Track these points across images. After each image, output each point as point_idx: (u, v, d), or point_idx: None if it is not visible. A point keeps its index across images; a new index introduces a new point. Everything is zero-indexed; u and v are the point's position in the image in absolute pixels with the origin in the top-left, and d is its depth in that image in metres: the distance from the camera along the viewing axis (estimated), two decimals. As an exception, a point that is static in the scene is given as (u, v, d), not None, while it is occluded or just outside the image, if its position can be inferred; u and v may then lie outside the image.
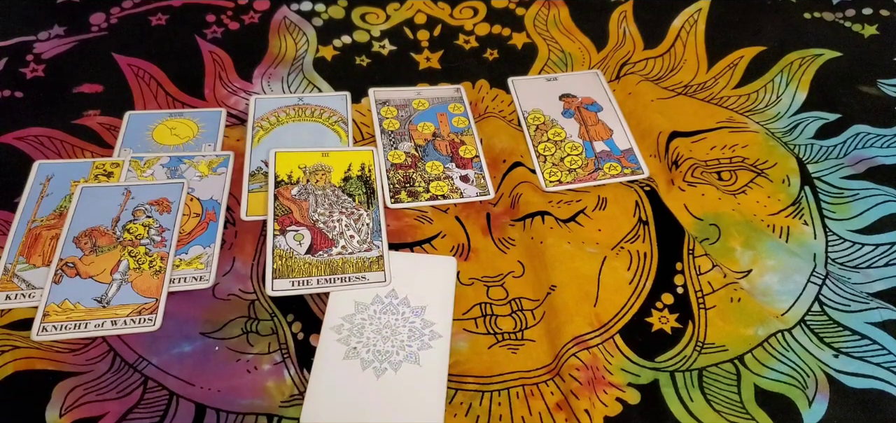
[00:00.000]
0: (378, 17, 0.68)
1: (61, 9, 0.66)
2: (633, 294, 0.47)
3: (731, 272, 0.48)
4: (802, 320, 0.46)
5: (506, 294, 0.47)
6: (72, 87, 0.59)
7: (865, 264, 0.50)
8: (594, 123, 0.59)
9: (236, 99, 0.59)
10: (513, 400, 0.42)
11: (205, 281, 0.46)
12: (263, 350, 0.43)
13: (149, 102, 0.58)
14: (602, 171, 0.54)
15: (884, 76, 0.63)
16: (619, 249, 0.49)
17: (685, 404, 0.42)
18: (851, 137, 0.58)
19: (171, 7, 0.67)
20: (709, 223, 0.51)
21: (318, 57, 0.63)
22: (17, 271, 0.46)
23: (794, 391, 0.42)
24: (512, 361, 0.44)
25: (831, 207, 0.53)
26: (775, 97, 0.61)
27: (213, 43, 0.64)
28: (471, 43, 0.66)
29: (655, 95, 0.61)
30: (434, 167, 0.54)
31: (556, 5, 0.70)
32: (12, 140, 0.54)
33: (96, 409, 0.40)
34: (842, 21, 0.69)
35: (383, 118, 0.58)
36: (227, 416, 0.40)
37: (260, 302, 0.46)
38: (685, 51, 0.66)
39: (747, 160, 0.56)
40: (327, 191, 0.52)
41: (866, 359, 0.44)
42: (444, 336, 0.44)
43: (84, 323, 0.43)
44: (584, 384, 0.42)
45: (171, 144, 0.55)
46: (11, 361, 0.42)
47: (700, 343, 0.45)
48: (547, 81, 0.62)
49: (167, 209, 0.49)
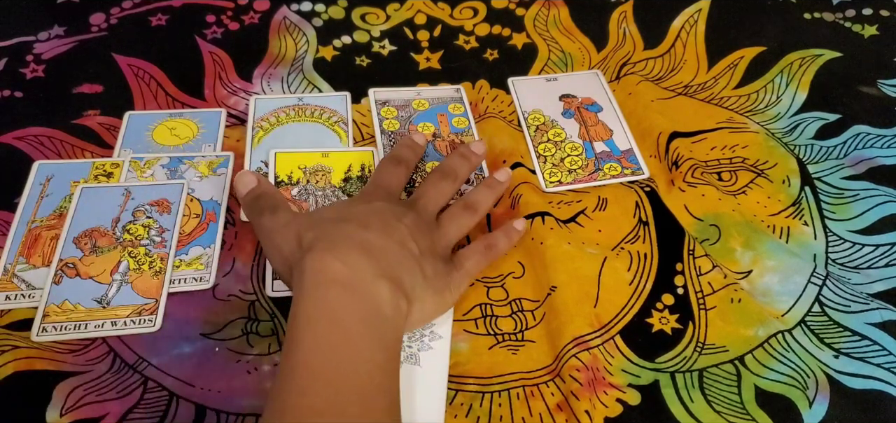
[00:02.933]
0: (378, 17, 0.68)
1: (61, 9, 0.66)
2: (633, 295, 0.47)
3: (731, 273, 0.48)
4: (803, 321, 0.46)
5: (506, 295, 0.47)
6: (72, 87, 0.59)
7: (866, 265, 0.50)
8: (594, 123, 0.59)
9: (236, 99, 0.59)
10: (513, 401, 0.42)
11: (205, 282, 0.46)
12: (264, 351, 0.43)
13: (149, 103, 0.58)
14: (602, 171, 0.54)
15: (884, 76, 0.63)
16: (620, 249, 0.50)
17: (685, 405, 0.42)
18: (851, 137, 0.58)
19: (171, 7, 0.67)
20: (709, 224, 0.51)
21: (318, 57, 0.63)
22: (16, 272, 0.46)
23: (795, 392, 0.42)
24: (512, 362, 0.44)
25: (831, 208, 0.53)
26: (775, 98, 0.61)
27: (213, 43, 0.64)
28: (471, 43, 0.66)
29: (655, 95, 0.61)
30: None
31: (556, 5, 0.70)
32: (12, 140, 0.54)
33: (97, 410, 0.40)
34: (842, 21, 0.69)
35: (383, 119, 0.58)
36: (227, 417, 0.40)
37: (260, 303, 0.46)
38: (685, 51, 0.66)
39: (747, 161, 0.56)
40: (327, 192, 0.52)
41: (867, 360, 0.44)
42: (445, 337, 0.44)
43: (84, 324, 0.43)
44: (584, 384, 0.42)
45: (171, 145, 0.55)
46: (11, 361, 0.42)
47: (700, 344, 0.45)
48: (547, 82, 0.62)
49: (167, 210, 0.49)
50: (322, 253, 0.39)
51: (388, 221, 0.43)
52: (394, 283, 0.40)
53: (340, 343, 0.36)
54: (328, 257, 0.39)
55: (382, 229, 0.42)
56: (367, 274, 0.39)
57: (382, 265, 0.40)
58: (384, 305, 0.39)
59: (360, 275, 0.39)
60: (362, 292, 0.38)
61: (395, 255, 0.41)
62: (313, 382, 0.35)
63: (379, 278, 0.39)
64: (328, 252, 0.39)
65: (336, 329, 0.37)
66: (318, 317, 0.37)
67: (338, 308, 0.37)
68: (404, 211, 0.45)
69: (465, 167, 0.51)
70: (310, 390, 0.34)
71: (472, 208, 0.48)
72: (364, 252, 0.40)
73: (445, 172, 0.49)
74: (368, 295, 0.38)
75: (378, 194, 0.47)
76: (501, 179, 0.51)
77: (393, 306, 0.39)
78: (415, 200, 0.47)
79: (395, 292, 0.39)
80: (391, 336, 0.39)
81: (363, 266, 0.39)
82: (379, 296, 0.39)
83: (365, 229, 0.42)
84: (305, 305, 0.37)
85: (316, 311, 0.37)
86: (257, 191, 0.46)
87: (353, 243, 0.40)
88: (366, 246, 0.40)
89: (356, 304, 0.38)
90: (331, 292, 0.38)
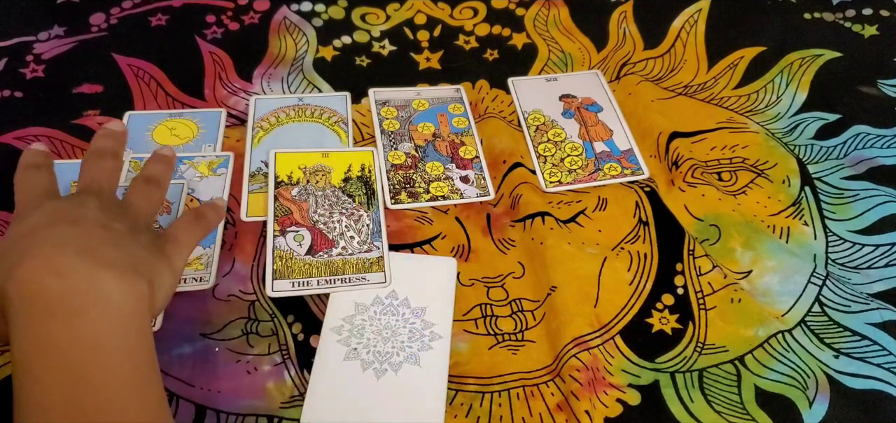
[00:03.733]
0: (378, 17, 0.68)
1: (61, 9, 0.66)
2: (633, 295, 0.47)
3: (731, 273, 0.48)
4: (803, 321, 0.46)
5: (506, 295, 0.47)
6: (72, 87, 0.59)
7: (866, 265, 0.50)
8: (594, 123, 0.59)
9: (236, 99, 0.59)
10: (513, 401, 0.42)
11: (205, 282, 0.46)
12: (264, 351, 0.43)
13: (149, 103, 0.58)
14: (602, 171, 0.54)
15: (884, 76, 0.63)
16: (620, 249, 0.50)
17: (685, 405, 0.42)
18: (852, 137, 0.58)
19: (171, 7, 0.67)
20: (709, 224, 0.51)
21: (318, 57, 0.63)
22: (16, 272, 0.45)
23: (795, 392, 0.42)
24: (512, 362, 0.44)
25: (831, 208, 0.53)
26: (775, 98, 0.61)
27: (213, 43, 0.64)
28: (471, 43, 0.66)
29: (655, 95, 0.61)
30: (434, 168, 0.54)
31: (556, 5, 0.70)
32: (12, 140, 0.54)
33: (96, 410, 0.40)
34: (842, 21, 0.69)
35: (383, 119, 0.58)
36: (227, 417, 0.40)
37: (260, 303, 0.46)
38: (685, 51, 0.66)
39: (747, 161, 0.56)
40: (327, 192, 0.52)
41: (867, 360, 0.44)
42: (445, 337, 0.44)
43: (84, 324, 0.43)
44: (584, 384, 0.42)
45: (171, 145, 0.55)
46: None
47: (700, 344, 0.45)
48: (547, 82, 0.62)
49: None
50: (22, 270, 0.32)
51: (72, 211, 0.38)
52: (117, 268, 0.34)
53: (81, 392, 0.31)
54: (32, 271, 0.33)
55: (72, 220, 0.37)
56: (83, 278, 0.33)
57: (96, 253, 0.34)
58: (114, 299, 0.33)
59: (76, 283, 0.33)
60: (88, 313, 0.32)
61: (101, 238, 0.36)
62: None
63: (98, 271, 0.34)
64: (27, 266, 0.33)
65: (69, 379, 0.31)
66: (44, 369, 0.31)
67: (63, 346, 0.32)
68: (83, 198, 0.40)
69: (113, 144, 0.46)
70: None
71: (154, 181, 0.45)
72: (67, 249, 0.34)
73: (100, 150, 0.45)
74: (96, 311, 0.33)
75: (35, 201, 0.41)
76: (166, 153, 0.48)
77: (124, 292, 0.34)
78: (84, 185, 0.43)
79: (122, 278, 0.34)
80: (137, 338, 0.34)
81: (75, 267, 0.33)
82: (104, 294, 0.33)
83: (53, 225, 0.36)
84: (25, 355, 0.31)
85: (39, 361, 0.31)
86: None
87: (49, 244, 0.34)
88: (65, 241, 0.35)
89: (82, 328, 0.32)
90: (50, 329, 0.32)
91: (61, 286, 0.32)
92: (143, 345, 0.34)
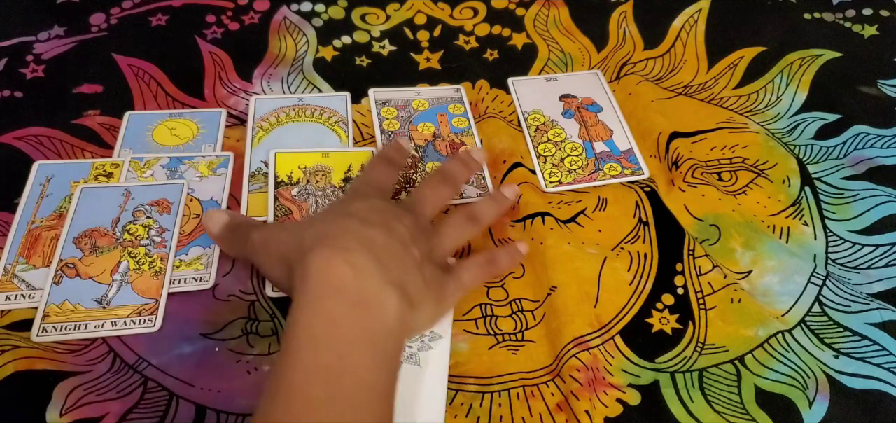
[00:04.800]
0: (378, 17, 0.68)
1: (61, 9, 0.66)
2: (633, 295, 0.47)
3: (731, 273, 0.48)
4: (803, 321, 0.46)
5: (506, 295, 0.47)
6: (72, 87, 0.59)
7: (866, 265, 0.50)
8: (594, 123, 0.59)
9: (236, 99, 0.59)
10: (513, 401, 0.42)
11: (205, 282, 0.46)
12: (264, 351, 0.43)
13: (149, 103, 0.58)
14: (602, 171, 0.54)
15: (884, 76, 0.63)
16: (620, 249, 0.50)
17: (685, 404, 0.42)
18: (851, 137, 0.58)
19: (172, 7, 0.67)
20: (709, 224, 0.51)
21: (318, 57, 0.63)
22: (16, 272, 0.46)
23: (795, 392, 0.42)
24: (512, 362, 0.44)
25: (831, 208, 0.53)
26: (775, 98, 0.61)
27: (213, 43, 0.64)
28: (471, 43, 0.66)
29: (655, 95, 0.61)
30: (434, 168, 0.54)
31: (556, 5, 0.70)
32: (12, 140, 0.54)
33: (97, 410, 0.40)
34: (842, 21, 0.69)
35: (383, 119, 0.58)
36: (227, 417, 0.40)
37: (260, 303, 0.46)
38: (685, 51, 0.66)
39: (747, 161, 0.56)
40: (327, 192, 0.52)
41: (867, 360, 0.44)
42: (445, 337, 0.44)
43: (84, 324, 0.43)
44: (584, 384, 0.42)
45: (171, 145, 0.55)
46: (12, 361, 0.42)
47: (700, 344, 0.45)
48: (547, 82, 0.62)
49: (167, 210, 0.49)
50: (328, 251, 0.37)
51: (389, 220, 0.41)
52: (401, 291, 0.38)
53: (343, 372, 0.34)
54: (335, 257, 0.37)
55: (385, 228, 0.40)
56: (375, 282, 0.37)
57: (390, 270, 0.38)
58: (390, 319, 0.37)
59: (368, 283, 0.37)
60: (370, 308, 0.36)
61: (399, 258, 0.39)
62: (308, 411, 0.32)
63: (387, 287, 0.37)
64: (334, 251, 0.37)
65: (339, 352, 0.35)
66: (320, 335, 0.35)
67: (343, 326, 0.35)
68: (403, 212, 0.43)
69: (464, 174, 0.49)
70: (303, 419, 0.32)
71: (475, 220, 0.46)
72: (370, 254, 0.38)
73: (445, 176, 0.48)
74: (376, 310, 0.36)
75: (372, 192, 0.46)
76: (508, 195, 0.49)
77: (399, 318, 0.37)
78: (412, 203, 0.46)
79: (402, 301, 0.37)
80: (394, 353, 0.37)
81: (371, 271, 0.37)
82: (387, 309, 0.37)
83: (368, 226, 0.40)
84: (308, 317, 0.36)
85: (319, 327, 0.35)
86: (232, 223, 0.45)
87: (357, 241, 0.38)
88: (370, 245, 0.38)
89: (363, 322, 0.36)
90: (337, 306, 0.36)
91: (354, 279, 0.37)
92: (394, 363, 0.37)
